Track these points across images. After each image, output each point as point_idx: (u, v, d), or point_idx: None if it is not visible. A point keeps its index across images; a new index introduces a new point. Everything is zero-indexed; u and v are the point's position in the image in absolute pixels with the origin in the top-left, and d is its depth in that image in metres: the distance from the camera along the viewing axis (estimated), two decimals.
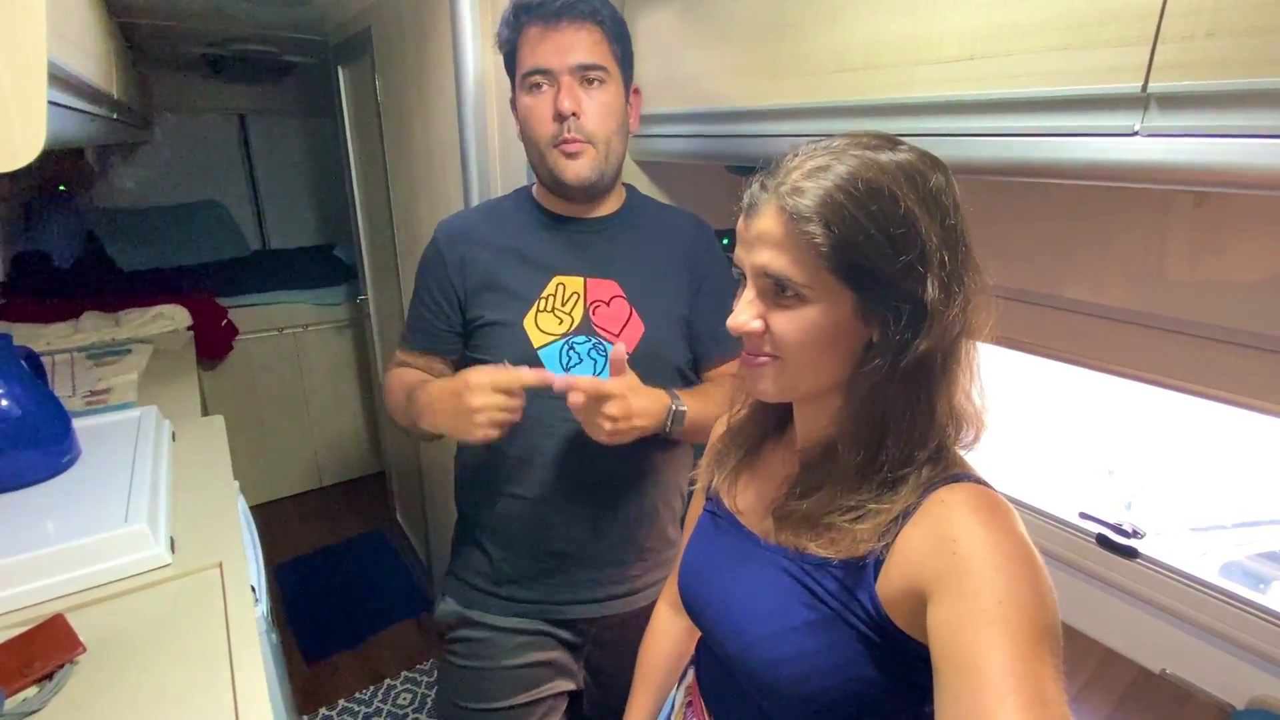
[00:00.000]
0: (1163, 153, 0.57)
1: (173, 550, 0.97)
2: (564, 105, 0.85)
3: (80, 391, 1.59)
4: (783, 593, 0.58)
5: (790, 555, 0.59)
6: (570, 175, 0.89)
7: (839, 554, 0.55)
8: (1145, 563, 1.11)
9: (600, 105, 0.88)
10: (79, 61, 0.89)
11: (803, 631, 0.56)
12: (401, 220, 1.89)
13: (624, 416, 0.81)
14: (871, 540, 0.53)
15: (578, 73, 0.86)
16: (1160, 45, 0.55)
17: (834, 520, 0.55)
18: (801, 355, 0.55)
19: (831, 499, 0.56)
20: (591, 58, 0.87)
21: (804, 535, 0.58)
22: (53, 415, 1.08)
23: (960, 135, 0.70)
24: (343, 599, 2.41)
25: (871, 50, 0.77)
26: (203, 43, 2.44)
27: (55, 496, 1.01)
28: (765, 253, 0.53)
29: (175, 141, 3.11)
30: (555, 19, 0.85)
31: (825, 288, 0.52)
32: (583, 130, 0.87)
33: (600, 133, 0.89)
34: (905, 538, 0.52)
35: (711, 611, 0.65)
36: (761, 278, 0.54)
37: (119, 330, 2.09)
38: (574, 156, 0.88)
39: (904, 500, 0.53)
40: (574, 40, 0.86)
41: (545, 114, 0.88)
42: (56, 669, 0.74)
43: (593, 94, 0.88)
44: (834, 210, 0.49)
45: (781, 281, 0.53)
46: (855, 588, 0.54)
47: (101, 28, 1.25)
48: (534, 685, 1.01)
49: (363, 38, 1.87)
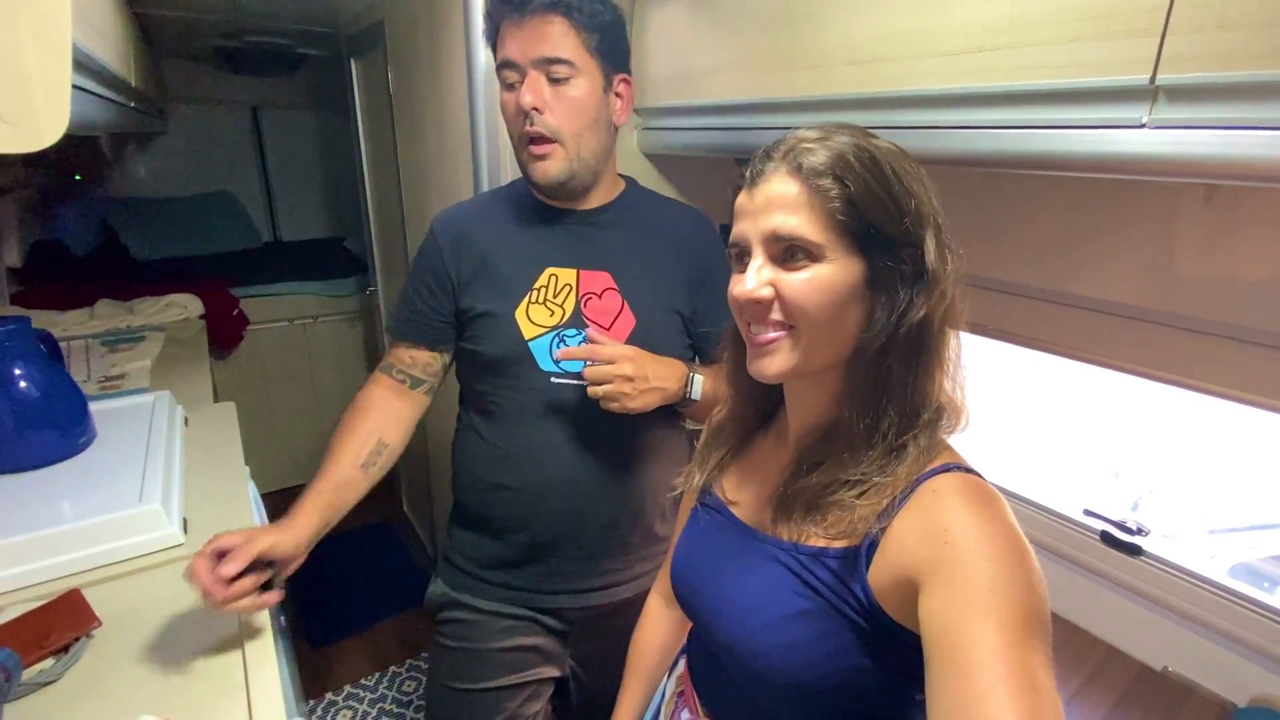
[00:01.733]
0: (1171, 145, 0.57)
1: (185, 531, 0.99)
2: (524, 99, 0.83)
3: (95, 376, 1.62)
4: (776, 583, 0.58)
5: (784, 546, 0.59)
6: (539, 175, 0.88)
7: (838, 537, 0.55)
8: (1149, 560, 1.11)
9: (567, 101, 0.85)
10: (100, 47, 0.91)
11: (795, 621, 0.56)
12: (412, 212, 1.90)
13: (640, 376, 0.82)
14: (871, 520, 0.53)
15: (542, 66, 0.83)
16: (1169, 37, 0.55)
17: (838, 497, 0.55)
18: (817, 318, 0.54)
19: (835, 473, 0.56)
20: (556, 51, 0.83)
21: (804, 520, 0.57)
22: (70, 397, 1.10)
23: (969, 128, 0.70)
24: (349, 587, 2.43)
25: (881, 43, 0.77)
26: (217, 35, 2.45)
27: (73, 476, 1.04)
28: (777, 215, 0.53)
29: (189, 133, 3.13)
30: (520, 10, 0.83)
31: (837, 249, 0.53)
32: (548, 125, 0.84)
33: (567, 129, 0.85)
34: (897, 527, 0.52)
35: (704, 602, 0.65)
36: (772, 242, 0.54)
37: (133, 318, 2.12)
38: (542, 158, 0.86)
39: (904, 477, 0.53)
40: (540, 32, 0.83)
41: (513, 109, 0.86)
42: (73, 641, 0.76)
43: (559, 90, 0.84)
44: (845, 167, 0.52)
45: (794, 242, 0.53)
46: (848, 577, 0.54)
47: (120, 15, 1.27)
48: (520, 669, 1.02)
49: (376, 30, 1.89)
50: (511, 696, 1.03)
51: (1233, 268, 0.84)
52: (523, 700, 1.04)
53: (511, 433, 0.95)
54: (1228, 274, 0.84)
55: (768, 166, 0.55)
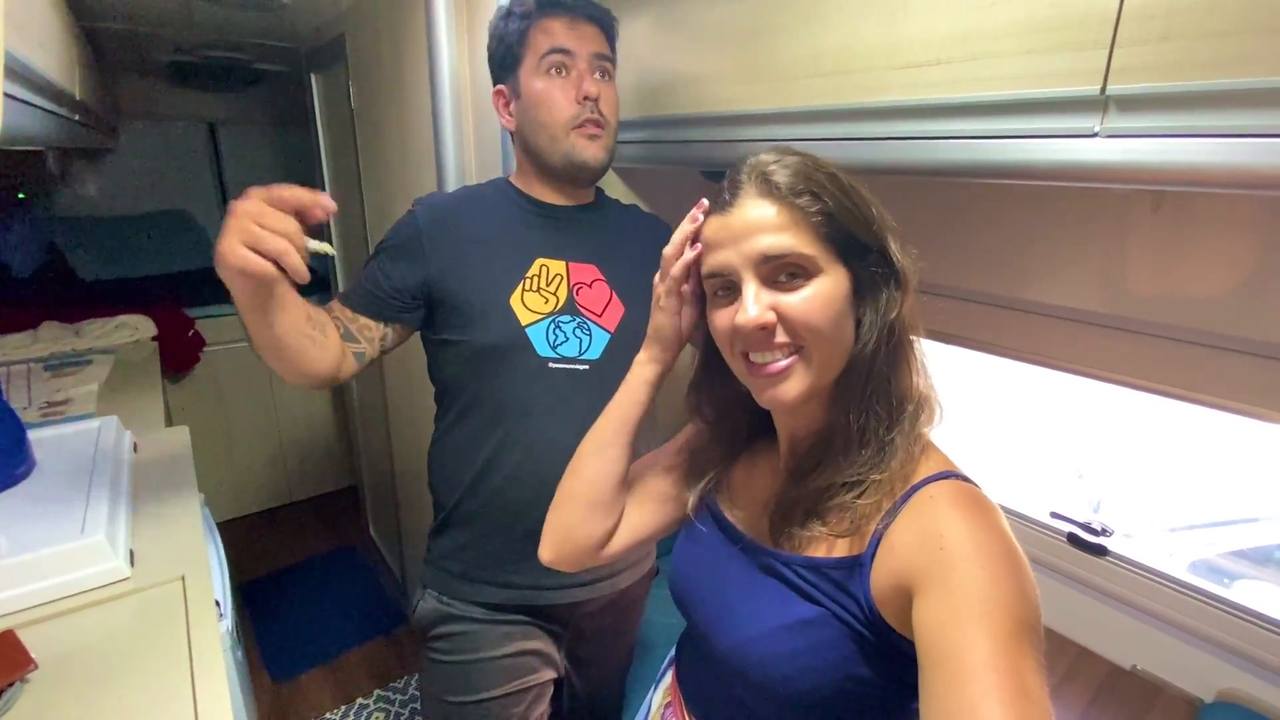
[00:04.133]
0: (1122, 153, 0.58)
1: (132, 563, 0.94)
2: (590, 89, 0.90)
3: (37, 403, 1.54)
4: (775, 592, 0.58)
5: (783, 557, 0.59)
6: (590, 155, 0.93)
7: (840, 537, 0.56)
8: (1114, 560, 1.13)
9: (611, 95, 0.94)
10: (38, 57, 0.87)
11: (795, 630, 0.56)
12: (375, 225, 1.87)
13: None
14: (875, 516, 0.54)
15: (595, 61, 0.92)
16: (1117, 49, 0.57)
17: (838, 499, 0.55)
18: (826, 332, 0.54)
19: (832, 476, 0.56)
20: (605, 49, 0.94)
21: (805, 525, 0.58)
22: (5, 425, 1.04)
23: (930, 138, 0.71)
24: (313, 616, 2.34)
25: (845, 55, 0.78)
26: (170, 49, 2.39)
27: (8, 509, 0.97)
28: (764, 237, 0.53)
29: (142, 150, 3.04)
30: (575, 13, 0.92)
31: (827, 261, 0.54)
32: (602, 113, 0.92)
33: (611, 121, 0.95)
34: (894, 533, 0.52)
35: (703, 611, 0.65)
36: (762, 264, 0.54)
37: (79, 341, 2.02)
38: (595, 138, 0.92)
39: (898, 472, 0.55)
40: (591, 33, 0.93)
41: (567, 96, 0.91)
42: (6, 687, 0.70)
43: (605, 85, 0.94)
44: (817, 184, 0.54)
45: (787, 260, 0.53)
46: (848, 584, 0.54)
47: (64, 27, 1.23)
48: (522, 674, 1.01)
49: (336, 44, 1.86)
50: (517, 702, 1.01)
51: (1180, 272, 0.87)
52: (527, 705, 1.02)
53: (506, 423, 0.94)
54: (1176, 278, 0.87)
55: (738, 191, 0.55)
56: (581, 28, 0.92)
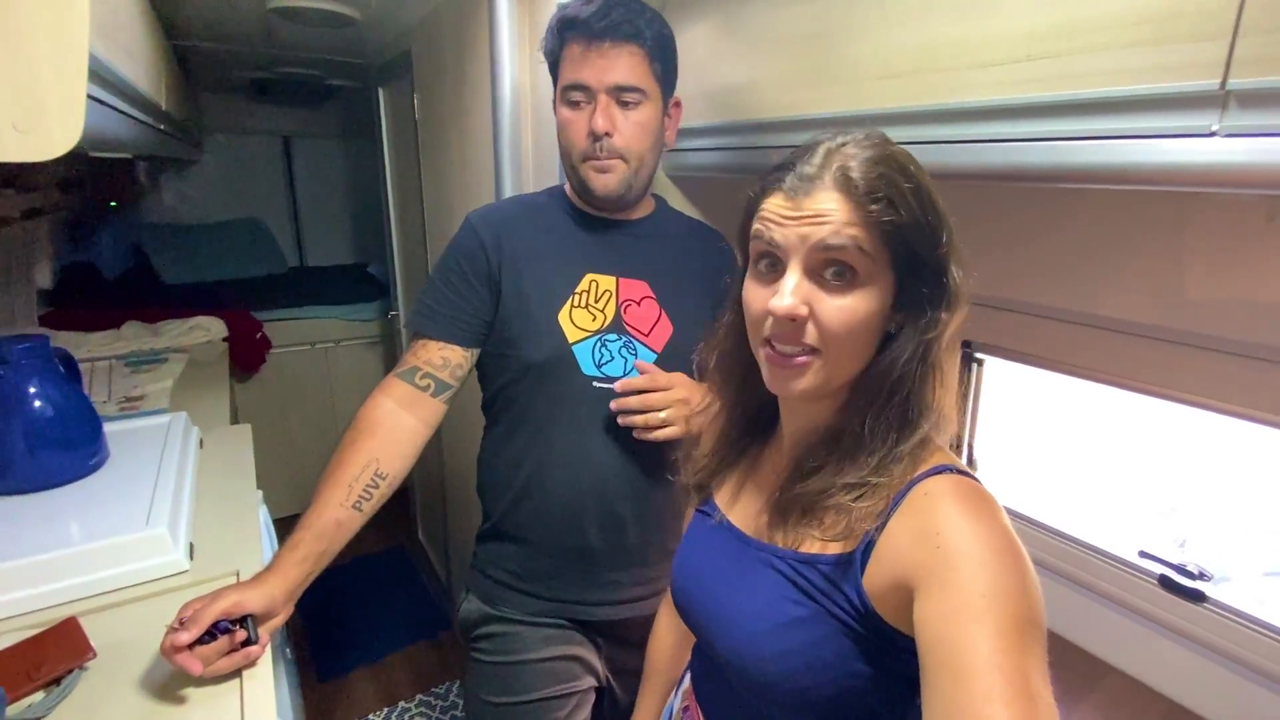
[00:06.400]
0: (1244, 154, 0.52)
1: (191, 556, 0.96)
2: (598, 125, 0.87)
3: (116, 397, 1.62)
4: (772, 590, 0.58)
5: (780, 553, 0.59)
6: (598, 187, 0.91)
7: (835, 539, 0.55)
8: (1214, 607, 1.02)
9: (634, 125, 0.89)
10: (125, 65, 0.91)
11: (792, 627, 0.56)
12: (434, 235, 1.91)
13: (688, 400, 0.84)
14: (870, 519, 0.53)
15: (615, 93, 0.88)
16: (1240, 39, 0.51)
17: (837, 500, 0.55)
18: (845, 346, 0.54)
19: (833, 478, 0.56)
20: (630, 79, 0.87)
21: (800, 524, 0.57)
22: (84, 417, 1.09)
23: (1017, 140, 0.66)
24: (361, 617, 2.38)
25: (920, 55, 0.74)
26: (251, 66, 2.53)
27: (80, 498, 1.01)
28: (826, 231, 0.52)
29: (223, 161, 3.24)
30: (599, 39, 0.86)
31: (879, 268, 0.53)
32: (614, 149, 0.89)
33: (633, 150, 0.90)
34: (891, 530, 0.52)
35: (703, 611, 0.65)
36: (817, 253, 0.53)
37: (157, 340, 2.13)
38: (604, 171, 0.90)
39: (899, 477, 0.54)
40: (614, 61, 0.86)
41: (580, 130, 0.89)
42: (65, 674, 0.72)
43: (628, 114, 0.89)
44: (898, 194, 0.52)
45: (842, 259, 0.52)
46: (842, 582, 0.54)
47: (154, 44, 1.30)
48: (564, 679, 1.00)
49: (403, 59, 1.92)
50: (559, 707, 1.00)
51: None
52: (569, 711, 1.01)
53: (549, 439, 0.93)
54: None
55: (814, 178, 0.53)
56: (606, 55, 0.86)
